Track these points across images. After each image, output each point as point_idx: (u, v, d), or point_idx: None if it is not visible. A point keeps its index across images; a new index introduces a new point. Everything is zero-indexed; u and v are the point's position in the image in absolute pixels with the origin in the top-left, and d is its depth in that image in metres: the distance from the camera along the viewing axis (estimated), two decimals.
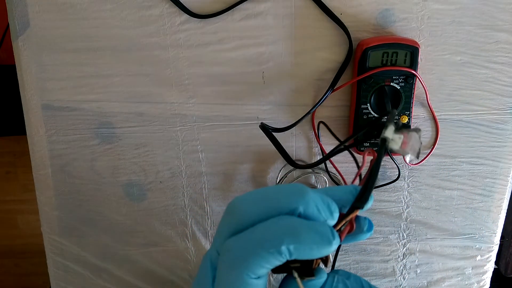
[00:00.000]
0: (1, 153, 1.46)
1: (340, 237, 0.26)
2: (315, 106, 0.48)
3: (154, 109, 0.50)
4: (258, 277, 0.24)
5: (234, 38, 0.47)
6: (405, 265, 0.56)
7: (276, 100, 0.50)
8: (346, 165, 0.52)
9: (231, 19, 0.47)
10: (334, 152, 0.38)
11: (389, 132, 0.27)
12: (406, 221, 0.54)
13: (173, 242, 0.55)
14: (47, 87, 0.49)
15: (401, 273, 0.56)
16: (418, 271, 0.56)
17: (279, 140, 0.45)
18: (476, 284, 0.57)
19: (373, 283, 0.56)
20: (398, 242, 0.55)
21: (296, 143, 0.51)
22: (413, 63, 0.45)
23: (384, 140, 0.26)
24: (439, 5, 0.46)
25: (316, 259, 0.26)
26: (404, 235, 0.55)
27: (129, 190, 0.53)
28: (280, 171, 0.52)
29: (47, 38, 0.48)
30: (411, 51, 0.45)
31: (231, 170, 0.52)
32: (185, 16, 0.46)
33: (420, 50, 0.45)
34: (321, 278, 0.26)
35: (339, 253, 0.55)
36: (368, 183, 0.26)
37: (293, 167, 0.51)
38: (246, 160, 0.52)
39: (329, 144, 0.51)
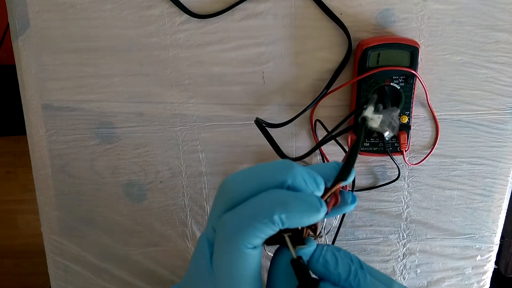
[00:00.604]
0: (1, 153, 1.46)
1: (327, 209, 0.28)
2: (310, 105, 0.48)
3: (154, 109, 0.50)
4: (254, 247, 0.26)
5: (234, 38, 0.47)
6: (405, 265, 0.56)
7: (276, 100, 0.50)
8: None
9: (231, 19, 0.47)
10: (322, 142, 0.40)
11: (369, 112, 0.29)
12: (406, 221, 0.54)
13: (173, 242, 0.55)
14: (47, 87, 0.49)
15: (401, 273, 0.56)
16: (418, 271, 0.56)
17: (279, 141, 0.45)
18: (476, 284, 0.57)
19: None
20: (398, 242, 0.55)
21: (296, 143, 0.51)
22: (413, 63, 0.45)
23: (364, 119, 0.29)
24: (439, 5, 0.46)
25: (306, 229, 0.28)
26: (404, 235, 0.55)
27: (129, 190, 0.53)
28: None
29: (47, 38, 0.48)
30: (411, 51, 0.45)
31: (231, 170, 0.52)
32: (185, 16, 0.47)
33: (420, 50, 0.45)
34: (311, 247, 0.28)
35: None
36: (350, 157, 0.28)
37: None
38: (246, 160, 0.52)
39: (329, 143, 0.51)
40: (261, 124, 0.46)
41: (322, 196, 0.28)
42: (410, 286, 0.57)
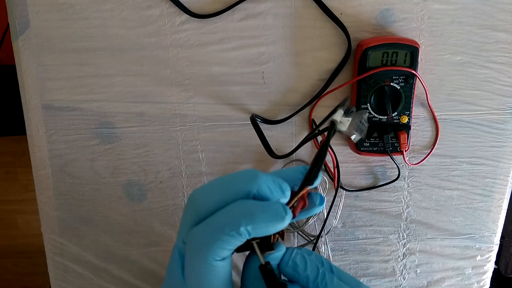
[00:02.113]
0: (1, 153, 1.46)
1: (294, 213, 0.29)
2: (307, 104, 0.48)
3: (154, 109, 0.50)
4: (223, 259, 0.27)
5: (234, 38, 0.47)
6: (405, 265, 0.56)
7: (276, 100, 0.50)
8: (345, 165, 0.52)
9: (231, 19, 0.47)
10: (308, 138, 0.40)
11: (338, 116, 0.29)
12: (406, 221, 0.54)
13: (173, 242, 0.55)
14: (47, 87, 0.49)
15: (401, 273, 0.56)
16: (418, 271, 0.56)
17: (279, 140, 0.45)
18: (476, 284, 0.57)
19: (373, 283, 0.56)
20: (398, 242, 0.55)
21: (296, 143, 0.51)
22: (413, 63, 0.45)
23: (333, 123, 0.29)
24: (439, 5, 0.46)
25: (274, 234, 0.29)
26: (404, 235, 0.55)
27: (129, 190, 0.53)
28: None
29: (47, 38, 0.48)
30: (411, 51, 0.45)
31: (231, 170, 0.52)
32: (185, 16, 0.47)
33: (420, 50, 0.45)
34: (280, 251, 0.29)
35: (339, 253, 0.55)
36: (317, 162, 0.28)
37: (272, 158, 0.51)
38: (246, 160, 0.52)
39: (331, 143, 0.51)
40: (254, 120, 0.46)
41: (289, 202, 0.28)
42: (410, 286, 0.57)
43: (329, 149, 0.47)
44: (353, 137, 0.29)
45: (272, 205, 0.26)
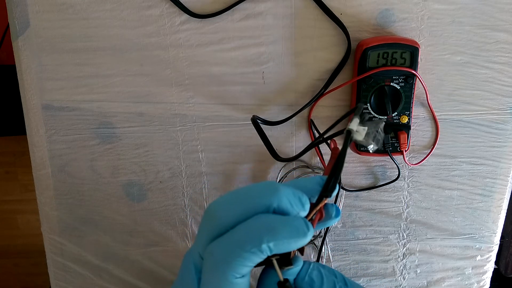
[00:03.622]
0: (1, 153, 1.46)
1: (313, 225, 0.28)
2: (307, 104, 0.48)
3: (154, 109, 0.50)
4: (242, 276, 0.26)
5: (234, 38, 0.47)
6: (405, 265, 0.56)
7: (276, 100, 0.50)
8: (345, 165, 0.52)
9: (231, 19, 0.47)
10: (313, 144, 0.39)
11: (354, 125, 0.28)
12: (406, 221, 0.54)
13: (173, 242, 0.55)
14: (47, 87, 0.49)
15: (401, 273, 0.56)
16: (418, 271, 0.56)
17: (279, 140, 0.45)
18: (476, 284, 0.57)
19: (373, 283, 0.56)
20: (398, 242, 0.55)
21: (296, 143, 0.51)
22: (413, 63, 0.45)
23: (349, 132, 0.28)
24: (439, 5, 0.46)
25: (294, 250, 0.28)
26: (404, 235, 0.55)
27: (129, 190, 0.53)
28: (280, 171, 0.52)
29: (47, 38, 0.48)
30: (411, 51, 0.45)
31: (231, 170, 0.52)
32: (185, 16, 0.47)
33: (420, 50, 0.45)
34: (298, 266, 0.28)
35: (339, 253, 0.55)
36: (334, 173, 0.27)
37: (281, 163, 0.51)
38: (246, 160, 0.52)
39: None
40: (256, 122, 0.46)
41: (308, 215, 0.28)
42: (410, 286, 0.57)
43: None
44: (370, 147, 0.29)
45: (294, 221, 0.26)
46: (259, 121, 0.48)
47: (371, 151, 0.44)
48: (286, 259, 0.28)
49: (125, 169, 0.52)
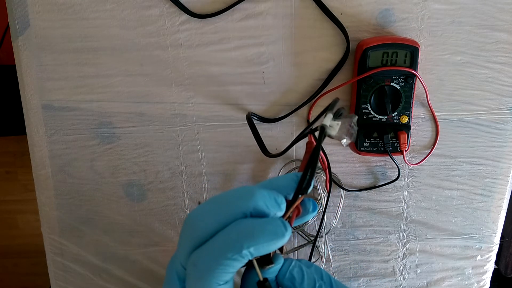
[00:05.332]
0: (1, 153, 1.46)
1: (290, 223, 0.28)
2: (304, 103, 0.48)
3: (154, 109, 0.50)
4: (226, 282, 0.26)
5: (234, 38, 0.47)
6: (405, 265, 0.56)
7: (276, 100, 0.50)
8: (345, 165, 0.52)
9: (231, 19, 0.47)
10: (299, 138, 0.39)
11: (327, 120, 0.29)
12: (406, 221, 0.54)
13: (173, 242, 0.55)
14: (47, 87, 0.49)
15: (401, 273, 0.56)
16: (418, 271, 0.56)
17: (279, 140, 0.45)
18: (476, 284, 0.57)
19: (373, 283, 0.56)
20: (398, 242, 0.55)
21: (296, 143, 0.51)
22: (413, 63, 0.45)
23: (323, 128, 0.28)
24: (439, 5, 0.46)
25: None
26: (404, 235, 0.55)
27: (129, 190, 0.53)
28: (280, 171, 0.52)
29: (47, 38, 0.48)
30: (411, 51, 0.45)
31: (231, 170, 0.52)
32: (185, 16, 0.47)
33: (420, 50, 0.45)
34: (279, 264, 0.29)
35: (339, 253, 0.55)
36: (308, 169, 0.27)
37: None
38: (246, 160, 0.52)
39: (329, 143, 0.51)
40: (250, 118, 0.46)
41: (285, 213, 0.28)
42: (410, 286, 0.57)
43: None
44: (343, 141, 0.29)
45: (272, 223, 0.26)
46: (255, 118, 0.48)
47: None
48: (266, 258, 0.28)
49: (125, 169, 0.52)
